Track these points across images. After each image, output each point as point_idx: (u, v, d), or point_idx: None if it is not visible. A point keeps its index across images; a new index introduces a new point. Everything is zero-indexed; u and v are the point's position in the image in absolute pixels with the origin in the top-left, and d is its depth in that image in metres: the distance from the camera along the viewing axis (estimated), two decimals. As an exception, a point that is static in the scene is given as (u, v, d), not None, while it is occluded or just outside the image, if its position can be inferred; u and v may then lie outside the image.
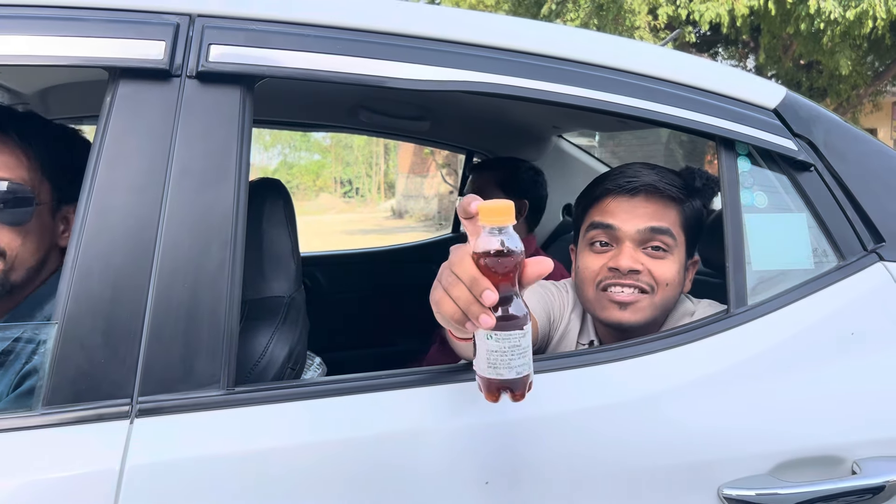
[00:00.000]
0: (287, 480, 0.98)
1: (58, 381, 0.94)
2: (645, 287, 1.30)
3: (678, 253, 1.32)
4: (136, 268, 0.98)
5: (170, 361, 0.97)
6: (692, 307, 1.39)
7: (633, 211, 1.32)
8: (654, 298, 1.30)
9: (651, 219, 1.31)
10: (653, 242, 1.30)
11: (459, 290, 0.82)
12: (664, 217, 1.31)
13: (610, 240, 1.33)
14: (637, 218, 1.31)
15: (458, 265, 0.82)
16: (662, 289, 1.30)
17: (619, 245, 1.32)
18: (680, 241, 1.32)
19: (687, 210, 1.34)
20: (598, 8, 9.79)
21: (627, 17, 9.64)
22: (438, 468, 1.03)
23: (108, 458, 0.92)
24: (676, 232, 1.31)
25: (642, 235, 1.30)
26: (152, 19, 1.04)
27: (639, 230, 1.31)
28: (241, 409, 1.00)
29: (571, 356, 1.15)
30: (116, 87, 1.02)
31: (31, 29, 1.00)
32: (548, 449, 1.07)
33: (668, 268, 1.31)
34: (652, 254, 1.31)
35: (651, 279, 1.30)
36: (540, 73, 1.18)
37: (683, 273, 1.34)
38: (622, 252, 1.30)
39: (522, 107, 2.15)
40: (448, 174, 19.62)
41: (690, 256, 1.36)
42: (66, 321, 0.95)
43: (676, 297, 1.33)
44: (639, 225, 1.31)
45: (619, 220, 1.32)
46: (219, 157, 1.04)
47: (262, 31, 1.07)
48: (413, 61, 1.12)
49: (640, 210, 1.32)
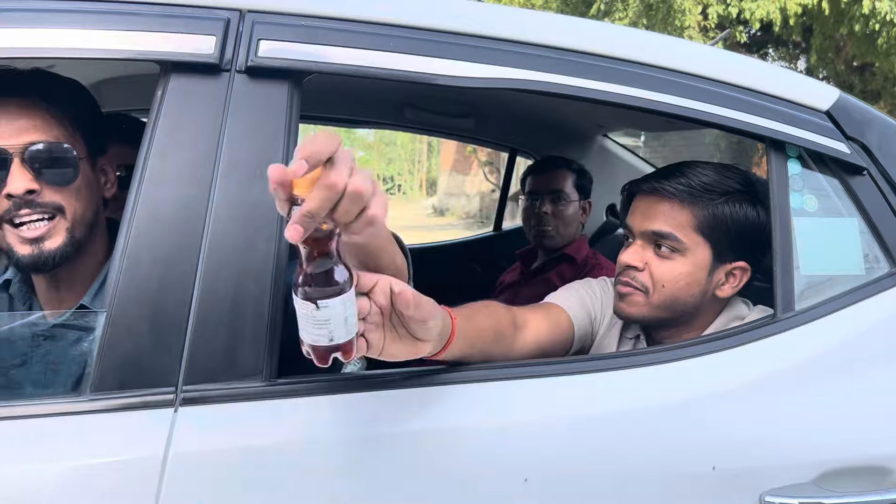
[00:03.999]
0: (325, 472, 0.99)
1: (105, 367, 0.96)
2: (638, 286, 1.33)
3: (691, 256, 1.30)
4: (184, 259, 1.00)
5: (214, 351, 0.99)
6: (745, 311, 1.37)
7: (646, 212, 1.34)
8: (650, 298, 1.32)
9: (657, 221, 1.32)
10: (658, 242, 1.32)
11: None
12: (673, 220, 1.31)
13: (630, 236, 1.38)
14: (647, 219, 1.33)
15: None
16: (658, 290, 1.31)
17: (633, 241, 1.36)
18: (694, 245, 1.30)
19: (714, 213, 1.30)
20: (648, 8, 9.67)
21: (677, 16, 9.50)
22: (478, 464, 1.03)
23: (152, 445, 0.94)
24: (687, 235, 1.30)
25: (647, 236, 1.33)
26: (203, 14, 1.06)
27: (643, 231, 1.34)
28: (283, 401, 1.01)
29: (615, 357, 1.14)
30: (168, 81, 1.04)
31: (86, 23, 1.02)
32: (589, 449, 1.06)
33: (669, 269, 1.31)
34: (658, 252, 1.33)
35: (649, 279, 1.32)
36: (588, 72, 1.18)
37: (705, 276, 1.31)
38: (629, 249, 1.35)
39: (568, 105, 2.14)
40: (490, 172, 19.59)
41: (728, 261, 1.33)
42: (115, 309, 0.97)
43: (689, 299, 1.31)
44: (644, 227, 1.34)
45: (635, 219, 1.36)
46: (266, 151, 1.05)
47: (311, 27, 1.08)
48: (461, 59, 1.12)
49: (652, 211, 1.33)
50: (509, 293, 2.47)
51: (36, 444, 0.94)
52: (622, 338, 1.46)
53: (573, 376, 1.12)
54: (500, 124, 2.62)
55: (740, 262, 1.33)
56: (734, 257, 1.33)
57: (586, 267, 2.31)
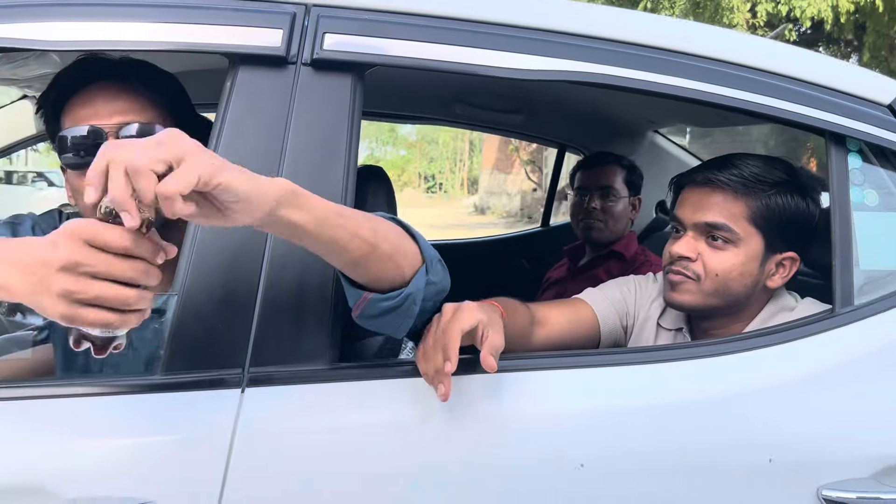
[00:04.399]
0: (384, 454, 1.02)
1: (176, 348, 1.00)
2: (690, 275, 1.33)
3: (745, 246, 1.32)
4: (251, 245, 1.03)
5: (280, 334, 1.02)
6: (793, 303, 1.37)
7: (697, 203, 1.35)
8: (701, 286, 1.33)
9: (710, 212, 1.32)
10: (711, 233, 1.33)
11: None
12: (727, 211, 1.32)
13: (680, 228, 1.38)
14: (699, 210, 1.34)
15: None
16: (711, 279, 1.32)
17: (685, 233, 1.36)
18: (748, 235, 1.31)
19: (767, 204, 1.31)
20: (695, 5, 9.55)
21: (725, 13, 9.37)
22: (535, 449, 1.05)
23: (220, 423, 0.98)
24: (741, 226, 1.31)
25: (700, 227, 1.34)
26: (271, 8, 1.09)
27: (695, 223, 1.34)
28: (344, 384, 1.04)
29: (674, 348, 1.15)
30: (236, 74, 1.07)
31: (158, 17, 1.06)
32: (644, 440, 1.07)
33: (722, 259, 1.32)
34: (711, 243, 1.33)
35: (701, 268, 1.33)
36: (645, 64, 1.18)
37: (757, 266, 1.32)
38: (680, 240, 1.36)
39: (619, 100, 2.14)
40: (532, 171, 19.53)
41: (778, 251, 1.34)
42: (186, 292, 1.00)
43: (741, 289, 1.33)
44: (695, 218, 1.34)
45: (685, 211, 1.37)
46: (330, 142, 1.08)
47: (373, 21, 1.11)
48: (520, 51, 1.14)
49: (705, 202, 1.34)
50: (556, 289, 2.47)
51: (109, 420, 0.98)
52: (659, 330, 1.47)
53: (634, 366, 1.13)
54: (550, 119, 2.63)
55: (790, 253, 1.34)
56: (784, 247, 1.34)
57: (635, 263, 2.30)
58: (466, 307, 1.02)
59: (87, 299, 0.75)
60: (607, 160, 2.38)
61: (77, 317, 0.76)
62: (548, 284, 2.56)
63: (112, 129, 1.13)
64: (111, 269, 0.75)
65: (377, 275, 0.96)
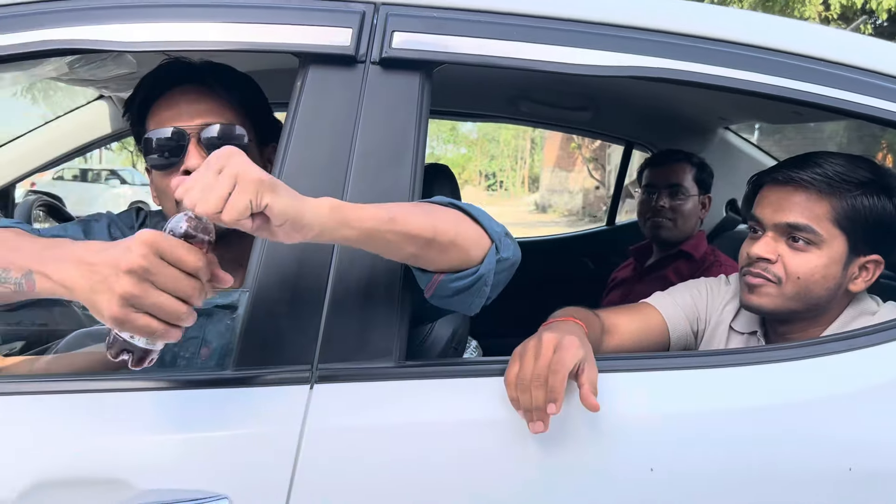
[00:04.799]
0: (450, 453, 1.02)
1: (247, 344, 1.02)
2: (771, 277, 1.29)
3: (827, 248, 1.27)
4: (320, 245, 1.03)
5: (347, 332, 1.03)
6: (874, 307, 1.33)
7: (777, 203, 1.31)
8: (782, 289, 1.29)
9: (792, 213, 1.28)
10: (792, 234, 1.28)
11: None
12: (810, 211, 1.27)
13: (758, 228, 1.35)
14: (780, 211, 1.30)
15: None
16: (793, 282, 1.28)
17: (764, 233, 1.32)
18: (831, 237, 1.26)
19: (853, 204, 1.26)
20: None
21: (796, 6, 9.10)
22: (606, 451, 1.03)
23: (290, 419, 0.99)
24: (824, 227, 1.26)
25: (781, 228, 1.30)
26: (340, 7, 1.09)
27: (776, 224, 1.30)
28: (411, 382, 1.04)
29: (743, 353, 1.12)
30: (306, 73, 1.08)
31: (230, 17, 1.08)
32: (716, 446, 1.04)
33: (804, 262, 1.28)
34: (792, 245, 1.29)
35: (782, 270, 1.29)
36: (718, 59, 1.15)
37: (840, 269, 1.27)
38: (759, 241, 1.32)
39: (688, 96, 2.09)
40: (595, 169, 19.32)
41: (862, 254, 1.28)
42: (256, 290, 1.02)
43: (823, 292, 1.28)
44: (776, 218, 1.30)
45: (764, 211, 1.33)
46: (398, 140, 1.08)
47: (441, 18, 1.10)
48: (585, 46, 1.12)
49: (786, 202, 1.30)
50: (622, 290, 2.44)
51: (182, 414, 1.00)
52: (732, 334, 1.44)
53: (707, 370, 1.10)
54: (617, 116, 2.59)
55: (874, 255, 1.29)
56: (868, 250, 1.29)
57: (704, 264, 2.25)
58: (570, 344, 1.00)
59: (143, 306, 0.78)
60: (677, 157, 2.33)
61: (129, 321, 0.79)
62: (613, 285, 2.52)
63: (194, 131, 1.17)
64: (177, 284, 0.79)
65: (441, 263, 0.97)
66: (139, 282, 0.77)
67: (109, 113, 2.44)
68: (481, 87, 2.24)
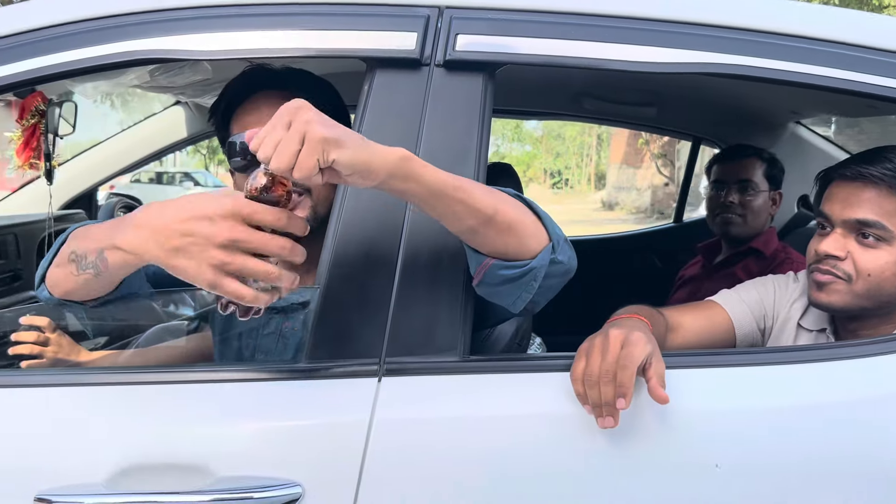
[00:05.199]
0: (513, 447, 1.03)
1: (318, 337, 1.06)
2: (840, 274, 1.27)
3: None
4: (386, 242, 1.07)
5: (413, 327, 1.06)
6: None
7: (846, 199, 1.28)
8: (852, 286, 1.26)
9: (861, 209, 1.26)
10: (862, 231, 1.26)
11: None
12: (880, 207, 1.25)
13: (827, 224, 1.32)
14: (849, 207, 1.27)
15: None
16: (863, 279, 1.25)
17: (832, 230, 1.30)
18: None
19: None
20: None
21: None
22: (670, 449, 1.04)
23: (359, 410, 1.02)
24: (895, 224, 1.22)
25: (850, 225, 1.27)
26: (405, 12, 1.12)
27: (845, 220, 1.28)
28: (475, 377, 1.07)
29: (814, 349, 1.10)
30: (373, 77, 1.12)
31: (299, 25, 1.12)
32: (785, 443, 1.04)
33: (874, 258, 1.25)
34: (862, 242, 1.26)
35: (851, 267, 1.26)
36: (786, 53, 1.14)
37: None
38: (828, 237, 1.30)
39: (758, 91, 2.05)
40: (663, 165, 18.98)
41: None
42: (327, 286, 1.06)
43: (893, 290, 1.25)
44: (845, 215, 1.28)
45: (833, 207, 1.30)
46: (461, 140, 1.10)
47: (504, 20, 1.12)
48: (651, 44, 1.12)
49: (855, 198, 1.27)
50: (690, 288, 2.41)
51: (258, 404, 1.04)
52: (800, 331, 1.42)
53: (776, 366, 1.09)
54: (684, 112, 2.56)
55: None
56: None
57: (775, 261, 2.20)
58: (637, 340, 1.00)
59: (233, 270, 0.82)
60: (747, 153, 2.29)
61: (221, 286, 0.83)
62: (681, 283, 2.50)
63: None
64: (266, 245, 0.83)
65: (497, 246, 0.98)
66: (230, 251, 0.82)
67: (184, 118, 2.54)
68: (544, 86, 2.25)
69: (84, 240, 1.01)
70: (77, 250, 1.01)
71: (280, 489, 0.99)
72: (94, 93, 2.07)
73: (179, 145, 2.68)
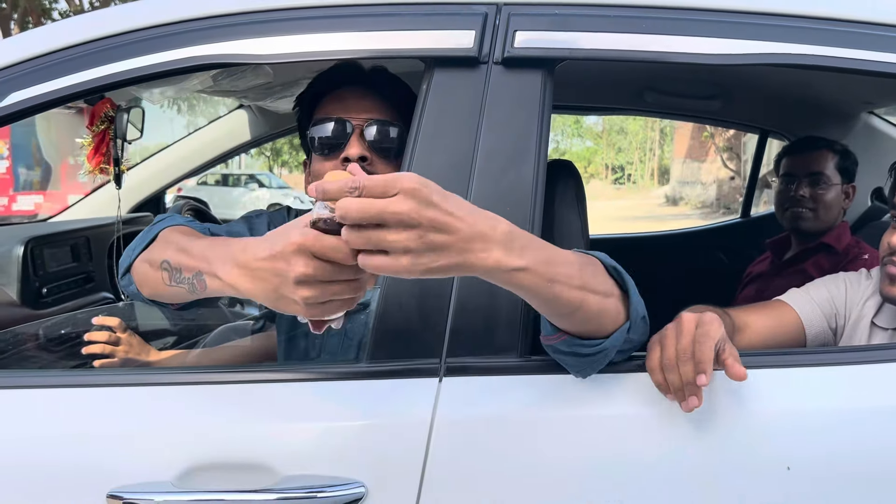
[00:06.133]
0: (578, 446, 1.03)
1: (380, 338, 1.06)
2: None
3: None
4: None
5: (473, 327, 1.05)
6: None
7: None
8: None
9: None
10: None
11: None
12: None
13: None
14: None
15: None
16: None
17: None
18: None
19: None
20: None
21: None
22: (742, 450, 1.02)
23: (421, 409, 1.03)
24: None
25: None
26: (463, 10, 1.12)
27: None
28: (535, 377, 1.06)
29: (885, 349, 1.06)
30: (432, 76, 1.11)
31: (359, 26, 1.13)
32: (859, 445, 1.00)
33: None
34: None
35: None
36: (858, 41, 1.10)
37: None
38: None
39: (828, 81, 1.98)
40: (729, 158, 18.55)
41: None
42: (388, 286, 1.06)
43: None
44: None
45: None
46: (521, 138, 1.09)
47: (562, 15, 1.11)
48: (715, 35, 1.09)
49: None
50: (758, 285, 2.34)
51: (322, 404, 1.06)
52: (874, 330, 1.37)
53: (850, 366, 1.06)
54: (750, 104, 2.49)
55: None
56: None
57: (847, 257, 2.12)
58: (711, 319, 0.99)
59: (324, 300, 0.83)
60: (818, 145, 2.22)
61: (320, 314, 0.85)
62: (748, 280, 2.43)
63: (359, 124, 1.26)
64: (340, 275, 0.82)
65: (573, 328, 0.95)
66: (311, 286, 0.82)
67: (247, 121, 2.59)
68: (605, 81, 2.22)
69: (179, 253, 1.01)
70: (171, 262, 1.02)
71: (344, 488, 1.00)
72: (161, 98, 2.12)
73: (243, 148, 2.73)
